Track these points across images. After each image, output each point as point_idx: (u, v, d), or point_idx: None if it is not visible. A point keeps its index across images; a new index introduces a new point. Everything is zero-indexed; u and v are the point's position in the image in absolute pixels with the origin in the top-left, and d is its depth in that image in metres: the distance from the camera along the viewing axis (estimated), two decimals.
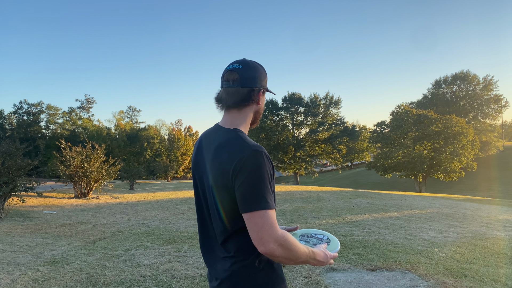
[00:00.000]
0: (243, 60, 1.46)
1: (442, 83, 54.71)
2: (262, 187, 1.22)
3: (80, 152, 14.36)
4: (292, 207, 10.61)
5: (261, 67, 1.48)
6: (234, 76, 1.40)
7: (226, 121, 1.43)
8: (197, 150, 1.48)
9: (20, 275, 4.18)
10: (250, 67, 1.43)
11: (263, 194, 1.22)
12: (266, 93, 1.53)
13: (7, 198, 9.11)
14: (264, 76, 1.47)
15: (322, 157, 45.77)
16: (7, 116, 48.55)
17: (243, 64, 1.43)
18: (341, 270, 4.37)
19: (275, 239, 1.20)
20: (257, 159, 1.24)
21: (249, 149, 1.26)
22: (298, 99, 44.96)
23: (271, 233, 1.20)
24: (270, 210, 1.22)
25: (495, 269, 4.47)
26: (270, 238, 1.20)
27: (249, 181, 1.22)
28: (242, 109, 1.42)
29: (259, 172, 1.23)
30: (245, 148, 1.27)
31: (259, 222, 1.20)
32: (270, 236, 1.20)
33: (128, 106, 69.92)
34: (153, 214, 9.78)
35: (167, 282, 3.95)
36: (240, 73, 1.40)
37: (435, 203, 12.85)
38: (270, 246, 1.19)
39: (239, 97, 1.40)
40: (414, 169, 33.83)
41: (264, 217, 1.20)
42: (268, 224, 1.20)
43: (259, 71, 1.45)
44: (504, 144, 56.80)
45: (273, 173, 1.32)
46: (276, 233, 1.21)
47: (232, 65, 1.43)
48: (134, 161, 43.16)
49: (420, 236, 6.45)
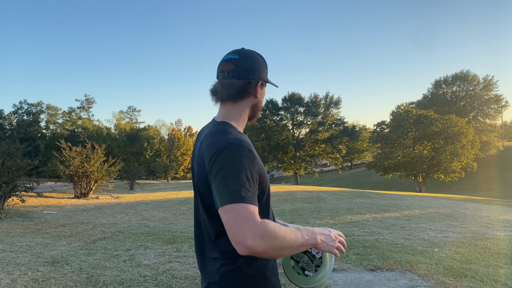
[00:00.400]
0: (241, 49, 1.35)
1: (442, 83, 54.73)
2: (237, 181, 1.09)
3: (80, 152, 14.36)
4: (292, 207, 10.61)
5: (260, 57, 1.38)
6: (230, 67, 1.30)
7: (219, 114, 1.35)
8: (194, 146, 1.44)
9: (20, 275, 4.18)
10: (247, 57, 1.32)
11: (237, 188, 1.08)
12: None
13: (7, 198, 9.10)
14: (263, 67, 1.36)
15: (322, 157, 45.77)
16: (7, 116, 48.59)
17: (240, 54, 1.32)
18: (341, 270, 4.37)
19: (253, 233, 1.03)
20: (233, 151, 1.14)
21: (227, 141, 1.16)
22: (298, 99, 44.95)
23: (246, 227, 1.04)
24: (245, 204, 1.07)
25: (495, 269, 4.47)
26: (247, 234, 1.03)
27: (222, 174, 1.11)
28: (237, 103, 1.33)
29: (235, 165, 1.11)
30: (223, 140, 1.17)
31: (231, 217, 1.05)
32: (246, 231, 1.03)
33: (128, 106, 70.09)
34: (153, 214, 9.78)
35: (167, 282, 3.95)
36: (236, 63, 1.30)
37: (435, 203, 12.85)
38: (248, 243, 1.03)
39: (234, 90, 1.30)
40: (414, 169, 33.84)
41: (237, 210, 1.05)
42: (242, 217, 1.04)
43: (257, 62, 1.34)
44: (504, 144, 56.82)
45: (258, 169, 1.19)
46: (252, 225, 1.04)
47: (229, 55, 1.33)
48: (134, 161, 43.21)
49: (420, 236, 6.45)
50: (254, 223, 1.05)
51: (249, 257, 1.21)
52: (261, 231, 1.05)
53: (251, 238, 1.03)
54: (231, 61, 1.31)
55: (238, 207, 1.06)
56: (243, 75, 1.30)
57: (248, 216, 1.05)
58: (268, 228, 1.06)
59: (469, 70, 52.19)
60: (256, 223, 1.05)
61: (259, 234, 1.04)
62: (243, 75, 1.30)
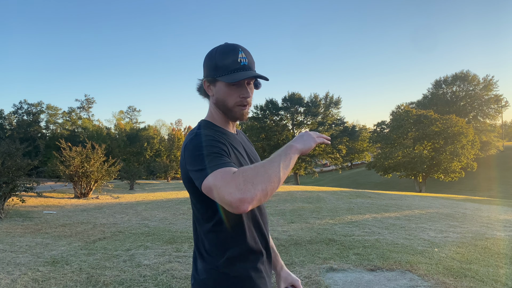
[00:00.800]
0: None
1: (442, 83, 54.73)
2: (203, 159, 1.09)
3: (80, 152, 14.36)
4: (292, 207, 10.61)
5: (209, 53, 1.30)
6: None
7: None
8: None
9: (20, 275, 4.18)
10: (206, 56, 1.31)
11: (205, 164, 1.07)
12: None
13: (7, 198, 9.10)
14: (208, 63, 1.28)
15: (322, 157, 45.79)
16: (7, 116, 48.57)
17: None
18: (341, 270, 4.37)
19: (233, 185, 0.98)
20: (194, 140, 1.16)
21: (190, 136, 1.20)
22: (298, 99, 44.98)
23: (227, 187, 0.98)
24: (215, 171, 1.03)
25: (495, 269, 4.47)
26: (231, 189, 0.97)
27: (191, 161, 1.12)
28: (209, 101, 1.35)
29: (198, 149, 1.12)
30: (187, 137, 1.23)
31: (213, 191, 1.02)
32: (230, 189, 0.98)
33: (128, 106, 70.11)
34: (153, 214, 9.78)
35: (167, 282, 3.95)
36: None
37: (435, 203, 12.84)
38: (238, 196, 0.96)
39: (198, 89, 1.36)
40: (414, 169, 33.84)
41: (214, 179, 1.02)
42: (219, 184, 1.00)
43: (204, 59, 1.31)
44: (504, 144, 56.82)
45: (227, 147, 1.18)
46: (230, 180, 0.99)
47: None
48: (134, 161, 43.21)
49: (420, 236, 6.45)
50: (230, 178, 1.00)
51: (232, 257, 1.22)
52: (238, 179, 0.99)
53: (241, 187, 0.97)
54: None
55: (212, 178, 1.03)
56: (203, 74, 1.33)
57: (224, 177, 1.01)
58: (244, 170, 1.01)
59: (469, 70, 52.27)
60: (231, 177, 1.00)
61: (239, 182, 0.98)
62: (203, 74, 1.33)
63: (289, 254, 5.09)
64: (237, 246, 1.23)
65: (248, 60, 1.27)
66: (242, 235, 1.24)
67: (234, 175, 1.01)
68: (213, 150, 1.12)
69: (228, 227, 1.22)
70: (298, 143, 1.17)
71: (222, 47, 1.27)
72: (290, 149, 1.13)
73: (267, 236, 1.35)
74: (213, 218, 1.22)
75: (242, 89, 1.26)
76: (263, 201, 1.02)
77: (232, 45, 1.27)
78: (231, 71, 1.23)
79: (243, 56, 1.25)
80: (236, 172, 1.02)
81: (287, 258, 4.84)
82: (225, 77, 1.23)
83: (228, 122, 1.35)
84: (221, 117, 1.33)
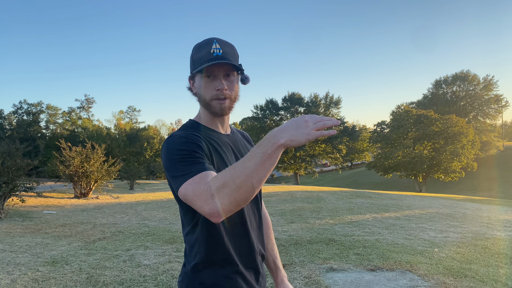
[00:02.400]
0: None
1: (442, 83, 54.72)
2: (176, 165, 1.08)
3: (80, 152, 14.36)
4: (292, 207, 10.61)
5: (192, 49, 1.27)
6: None
7: None
8: None
9: (20, 275, 4.17)
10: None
11: (178, 170, 1.07)
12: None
13: (7, 198, 9.10)
14: (190, 61, 1.27)
15: (322, 157, 45.80)
16: (7, 116, 48.56)
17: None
18: (341, 270, 4.36)
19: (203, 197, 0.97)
20: (166, 144, 1.15)
21: (166, 140, 1.18)
22: (298, 99, 45.00)
23: (199, 197, 0.98)
24: (189, 179, 1.03)
25: (495, 269, 4.47)
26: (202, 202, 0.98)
27: (166, 167, 1.12)
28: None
29: (169, 153, 1.11)
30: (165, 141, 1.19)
31: (188, 199, 1.02)
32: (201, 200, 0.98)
33: (128, 106, 70.05)
34: (153, 214, 9.78)
35: (167, 282, 3.95)
36: None
37: (435, 203, 12.84)
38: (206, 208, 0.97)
39: (188, 89, 1.32)
40: (414, 169, 33.84)
41: (186, 191, 1.02)
42: (192, 193, 1.00)
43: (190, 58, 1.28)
44: (504, 144, 56.80)
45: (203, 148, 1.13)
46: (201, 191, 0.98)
47: None
48: (134, 161, 43.15)
49: (420, 236, 6.44)
50: (201, 188, 0.99)
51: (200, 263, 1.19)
52: (207, 190, 0.97)
53: (205, 203, 0.97)
54: None
55: (186, 186, 1.03)
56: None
57: (195, 188, 1.00)
58: (213, 181, 0.98)
59: (469, 70, 52.23)
60: (201, 188, 0.99)
61: (208, 194, 0.97)
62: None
63: (289, 254, 5.08)
64: (209, 252, 1.19)
65: (224, 50, 1.21)
66: (216, 243, 1.19)
67: (203, 186, 0.98)
68: (185, 155, 1.08)
69: (203, 231, 1.18)
70: (284, 136, 0.98)
71: (199, 42, 1.25)
72: (271, 145, 0.97)
73: (255, 252, 1.28)
74: (192, 220, 1.21)
75: (217, 81, 1.21)
76: (236, 210, 0.99)
77: (208, 38, 1.24)
78: (203, 62, 1.19)
79: (217, 47, 1.21)
80: (207, 183, 0.99)
81: (287, 258, 4.83)
82: (197, 69, 1.20)
83: (214, 121, 1.30)
84: (206, 115, 1.29)
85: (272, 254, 1.51)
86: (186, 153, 1.09)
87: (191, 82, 1.29)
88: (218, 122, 1.31)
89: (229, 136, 1.35)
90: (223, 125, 1.34)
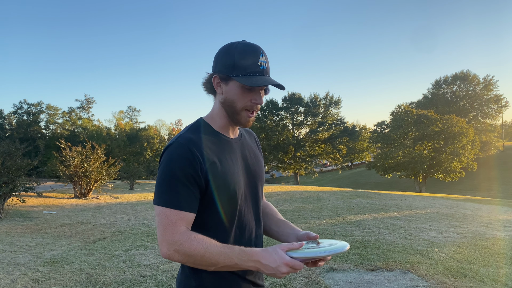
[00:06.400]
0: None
1: (442, 83, 54.70)
2: (163, 184, 1.11)
3: (80, 152, 14.35)
4: (292, 207, 10.61)
5: (223, 48, 1.20)
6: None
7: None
8: None
9: (20, 275, 4.17)
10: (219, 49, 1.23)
11: (163, 191, 1.11)
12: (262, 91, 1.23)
13: (7, 198, 9.10)
14: (223, 59, 1.18)
15: (322, 157, 45.79)
16: (7, 116, 48.52)
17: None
18: (341, 270, 4.36)
19: (168, 243, 1.07)
20: (166, 154, 1.15)
21: (169, 143, 1.17)
22: (298, 99, 44.97)
23: (164, 236, 1.08)
24: (167, 209, 1.09)
25: (495, 269, 4.47)
26: (163, 242, 1.08)
27: (158, 174, 1.14)
28: (215, 98, 1.27)
29: (167, 166, 1.12)
30: (169, 142, 1.19)
31: (157, 219, 1.10)
32: (163, 239, 1.08)
33: (128, 106, 70.06)
34: (153, 214, 9.78)
35: (167, 282, 3.95)
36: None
37: (435, 203, 12.84)
38: (164, 250, 1.08)
39: (204, 82, 1.26)
40: (414, 169, 33.83)
41: (160, 214, 1.10)
42: (162, 225, 1.08)
43: (218, 53, 1.22)
44: (504, 144, 56.79)
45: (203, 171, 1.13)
46: (169, 237, 1.07)
47: None
48: (134, 161, 43.12)
49: (420, 236, 6.44)
50: (171, 234, 1.07)
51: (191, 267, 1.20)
52: (175, 245, 1.07)
53: (167, 248, 1.08)
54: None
55: (162, 211, 1.10)
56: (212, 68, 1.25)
57: (168, 226, 1.08)
58: (183, 246, 1.07)
59: (469, 70, 52.17)
60: (173, 236, 1.07)
61: (173, 247, 1.07)
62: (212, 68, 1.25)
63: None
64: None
65: (267, 64, 1.20)
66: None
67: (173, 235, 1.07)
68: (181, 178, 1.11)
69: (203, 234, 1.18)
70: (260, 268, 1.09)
71: (243, 46, 1.18)
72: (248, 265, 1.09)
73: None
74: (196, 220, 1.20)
75: (256, 94, 1.19)
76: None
77: (253, 45, 1.19)
78: (249, 73, 1.15)
79: (263, 59, 1.18)
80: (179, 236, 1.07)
81: None
82: (243, 79, 1.14)
83: (228, 126, 1.27)
84: (223, 119, 1.25)
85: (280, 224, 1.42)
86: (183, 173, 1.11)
87: (216, 81, 1.21)
88: (230, 127, 1.28)
89: (237, 140, 1.32)
90: (234, 130, 1.31)
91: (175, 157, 1.12)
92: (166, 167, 1.12)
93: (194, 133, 1.20)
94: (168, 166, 1.12)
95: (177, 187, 1.10)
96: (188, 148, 1.13)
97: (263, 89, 1.22)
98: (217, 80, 1.21)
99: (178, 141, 1.16)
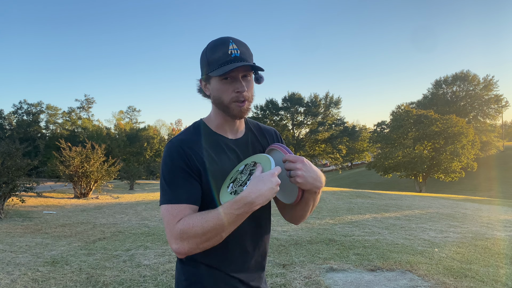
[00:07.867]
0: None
1: (442, 83, 54.70)
2: (163, 184, 1.17)
3: (79, 152, 14.35)
4: None
5: (203, 51, 1.23)
6: None
7: None
8: None
9: (19, 275, 4.17)
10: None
11: (163, 190, 1.17)
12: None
13: (6, 198, 9.10)
14: (201, 62, 1.23)
15: (322, 157, 45.82)
16: (7, 116, 48.50)
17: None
18: (341, 270, 4.36)
19: (174, 236, 1.09)
20: (164, 153, 1.21)
21: (166, 144, 1.23)
22: (298, 99, 44.98)
23: (168, 233, 1.11)
24: (168, 205, 1.13)
25: (495, 269, 4.47)
26: (171, 238, 1.11)
27: (161, 173, 1.20)
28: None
29: (161, 169, 1.20)
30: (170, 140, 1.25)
31: (163, 219, 1.14)
32: (170, 236, 1.11)
33: (128, 106, 70.02)
34: (153, 214, 9.78)
35: (167, 282, 3.95)
36: None
37: (435, 203, 12.84)
38: (174, 246, 1.10)
39: (198, 91, 1.30)
40: (414, 169, 33.82)
41: (163, 213, 1.14)
42: (166, 221, 1.12)
43: (200, 59, 1.24)
44: (504, 144, 56.79)
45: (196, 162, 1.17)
46: (171, 230, 1.10)
47: None
48: (134, 161, 43.12)
49: (420, 236, 6.44)
50: (173, 226, 1.10)
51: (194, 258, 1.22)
52: (180, 234, 1.08)
53: (174, 242, 1.10)
54: None
55: (164, 209, 1.14)
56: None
57: (170, 220, 1.11)
58: (184, 231, 1.08)
59: (469, 70, 52.17)
60: (174, 227, 1.10)
61: (179, 238, 1.09)
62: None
63: (289, 254, 5.08)
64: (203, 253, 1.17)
65: (241, 51, 1.17)
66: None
67: (173, 227, 1.10)
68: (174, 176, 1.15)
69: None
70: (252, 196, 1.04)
71: (212, 42, 1.21)
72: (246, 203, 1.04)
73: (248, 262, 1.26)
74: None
75: (237, 83, 1.17)
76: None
77: (221, 38, 1.20)
78: (221, 64, 1.14)
79: (234, 47, 1.17)
80: (177, 224, 1.09)
81: (287, 258, 4.83)
82: (215, 71, 1.15)
83: (226, 124, 1.27)
84: (219, 118, 1.26)
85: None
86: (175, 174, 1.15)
87: (203, 84, 1.26)
88: (227, 126, 1.28)
89: (237, 140, 1.30)
90: (233, 129, 1.30)
91: (167, 156, 1.19)
92: (162, 168, 1.19)
93: (188, 134, 1.25)
94: (163, 167, 1.18)
95: (175, 183, 1.15)
96: (180, 147, 1.19)
97: (246, 76, 1.20)
98: (203, 83, 1.26)
99: (171, 141, 1.22)
